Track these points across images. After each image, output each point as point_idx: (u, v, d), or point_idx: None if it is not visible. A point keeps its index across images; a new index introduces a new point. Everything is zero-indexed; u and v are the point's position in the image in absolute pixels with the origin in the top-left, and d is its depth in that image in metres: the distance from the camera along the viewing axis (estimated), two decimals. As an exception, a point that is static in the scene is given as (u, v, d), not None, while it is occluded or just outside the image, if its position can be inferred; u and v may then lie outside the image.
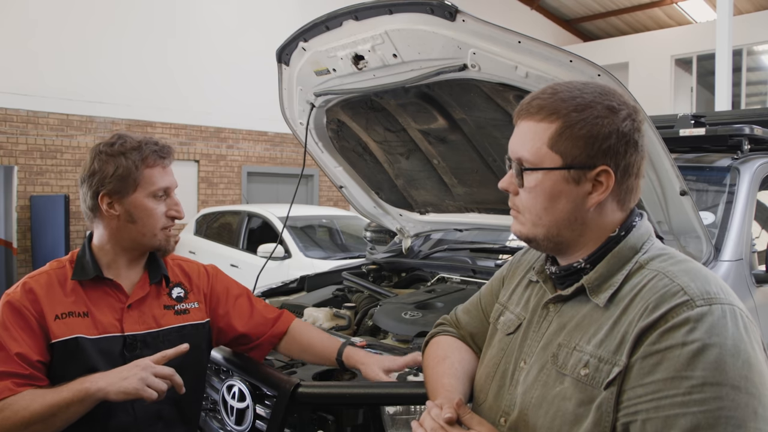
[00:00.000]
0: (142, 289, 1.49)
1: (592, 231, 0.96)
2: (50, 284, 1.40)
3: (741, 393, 0.77)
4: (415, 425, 0.96)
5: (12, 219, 7.97)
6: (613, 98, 0.94)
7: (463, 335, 1.25)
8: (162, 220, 1.46)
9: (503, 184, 1.01)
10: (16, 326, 1.33)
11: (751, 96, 12.91)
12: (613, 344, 0.87)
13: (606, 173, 0.92)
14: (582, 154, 0.91)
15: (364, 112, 2.37)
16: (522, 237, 1.01)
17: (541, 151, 0.94)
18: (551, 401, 0.91)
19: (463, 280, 2.63)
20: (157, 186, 1.45)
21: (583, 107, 0.92)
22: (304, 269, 4.17)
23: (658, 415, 0.79)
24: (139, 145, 1.44)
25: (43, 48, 7.98)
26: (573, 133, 0.91)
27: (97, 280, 1.44)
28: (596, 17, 15.12)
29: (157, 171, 1.46)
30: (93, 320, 1.40)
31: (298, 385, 1.56)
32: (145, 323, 1.46)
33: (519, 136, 0.98)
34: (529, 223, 0.98)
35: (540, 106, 0.95)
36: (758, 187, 2.39)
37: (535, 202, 0.96)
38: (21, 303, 1.35)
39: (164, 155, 1.48)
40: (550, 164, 0.93)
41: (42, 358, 1.33)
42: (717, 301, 0.83)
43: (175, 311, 1.53)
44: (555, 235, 0.96)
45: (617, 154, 0.92)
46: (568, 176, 0.93)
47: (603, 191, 0.93)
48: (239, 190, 9.97)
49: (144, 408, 1.42)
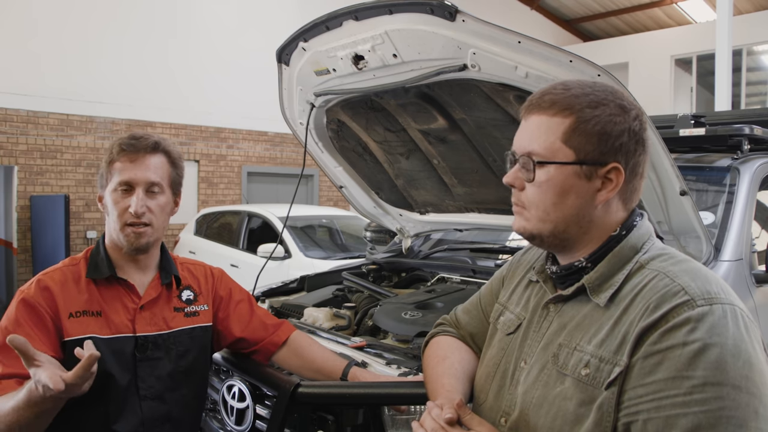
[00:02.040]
0: (155, 290, 1.48)
1: (596, 229, 0.96)
2: (64, 281, 1.40)
3: (742, 393, 0.77)
4: (416, 425, 0.95)
5: (12, 219, 7.96)
6: (623, 98, 0.96)
7: (462, 335, 1.25)
8: (124, 215, 1.40)
9: (508, 179, 1.00)
10: (30, 323, 1.32)
11: (751, 96, 12.90)
12: (614, 344, 0.87)
13: (617, 170, 0.93)
14: (595, 150, 0.92)
15: (364, 112, 2.36)
16: (526, 233, 1.00)
17: (555, 145, 0.94)
18: (552, 401, 0.91)
19: (463, 280, 2.63)
20: (118, 178, 1.41)
21: (596, 104, 0.93)
22: (304, 269, 4.17)
23: (659, 415, 0.79)
24: (119, 139, 1.44)
25: (43, 48, 7.98)
26: (587, 129, 0.92)
27: (111, 280, 1.43)
28: (596, 17, 15.11)
29: (123, 164, 1.41)
30: (106, 320, 1.39)
31: (298, 385, 1.56)
32: (156, 325, 1.45)
33: (529, 130, 0.97)
34: (535, 218, 0.97)
35: (553, 101, 0.95)
36: (758, 187, 2.39)
37: (544, 197, 0.95)
38: (35, 300, 1.34)
39: (131, 149, 1.41)
40: (563, 159, 0.93)
41: (55, 355, 1.32)
42: (718, 300, 0.83)
43: (185, 313, 1.52)
44: (561, 231, 0.96)
45: (628, 152, 0.93)
46: (580, 171, 0.93)
47: (612, 188, 0.93)
48: (239, 190, 9.97)
49: (152, 409, 1.42)
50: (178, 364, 1.46)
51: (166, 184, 1.47)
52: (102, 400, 1.35)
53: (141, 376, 1.41)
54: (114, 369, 1.36)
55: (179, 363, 1.46)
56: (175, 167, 1.50)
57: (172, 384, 1.45)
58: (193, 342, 1.49)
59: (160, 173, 1.45)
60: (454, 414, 0.93)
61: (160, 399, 1.43)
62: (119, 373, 1.38)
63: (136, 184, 1.41)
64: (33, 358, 1.11)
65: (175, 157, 1.50)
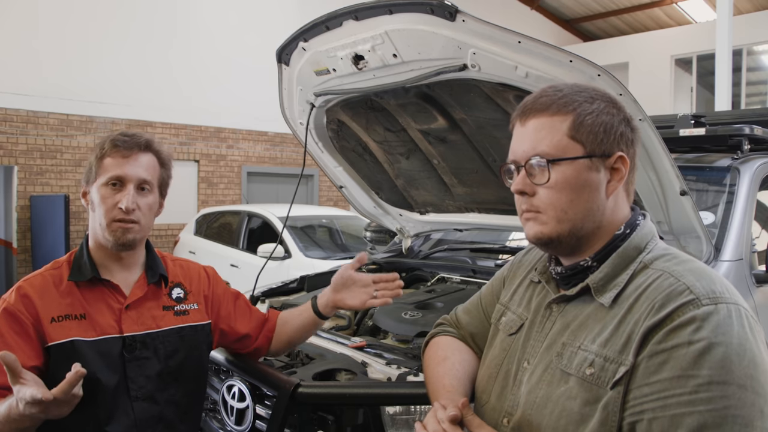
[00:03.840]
0: (140, 289, 1.47)
1: (606, 224, 0.97)
2: (45, 286, 1.38)
3: (747, 392, 0.77)
4: (419, 426, 0.95)
5: (12, 219, 7.97)
6: (609, 94, 0.99)
7: (463, 335, 1.24)
8: (113, 211, 1.39)
9: (518, 186, 0.97)
10: (11, 332, 1.31)
11: (751, 96, 12.91)
12: (619, 343, 0.87)
13: (622, 159, 0.95)
14: (602, 142, 0.94)
15: (364, 112, 2.37)
16: (543, 238, 0.97)
17: (563, 142, 0.94)
18: (556, 401, 0.91)
19: (463, 280, 2.63)
20: (109, 174, 1.40)
21: (591, 99, 0.96)
22: (304, 269, 4.17)
23: (664, 414, 0.79)
24: (109, 135, 1.44)
25: (43, 48, 7.98)
26: (590, 122, 0.94)
27: (94, 281, 1.42)
28: (596, 17, 15.11)
29: (114, 160, 1.40)
30: (91, 322, 1.38)
31: (298, 385, 1.57)
32: (144, 324, 1.44)
33: (530, 134, 0.97)
34: (553, 220, 0.95)
35: (549, 102, 0.96)
36: (758, 187, 2.39)
37: (560, 196, 0.94)
38: (16, 308, 1.33)
39: (124, 145, 1.41)
40: (573, 154, 0.94)
41: (38, 363, 1.31)
42: (723, 300, 0.83)
43: (174, 312, 1.51)
44: (579, 228, 0.95)
45: (628, 142, 0.96)
46: (591, 165, 0.94)
47: (620, 178, 0.95)
48: (239, 190, 9.97)
49: (144, 410, 1.41)
50: (167, 363, 1.45)
51: (156, 183, 1.47)
52: (92, 403, 1.34)
53: (131, 376, 1.40)
54: (102, 370, 1.35)
55: (168, 363, 1.45)
56: (164, 168, 1.50)
57: (162, 384, 1.44)
58: (182, 342, 1.48)
59: (151, 172, 1.45)
60: (458, 412, 0.93)
61: (151, 399, 1.42)
62: (108, 374, 1.37)
63: (128, 180, 1.40)
64: (20, 376, 1.11)
65: (165, 158, 1.50)
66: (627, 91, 1.55)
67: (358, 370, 1.74)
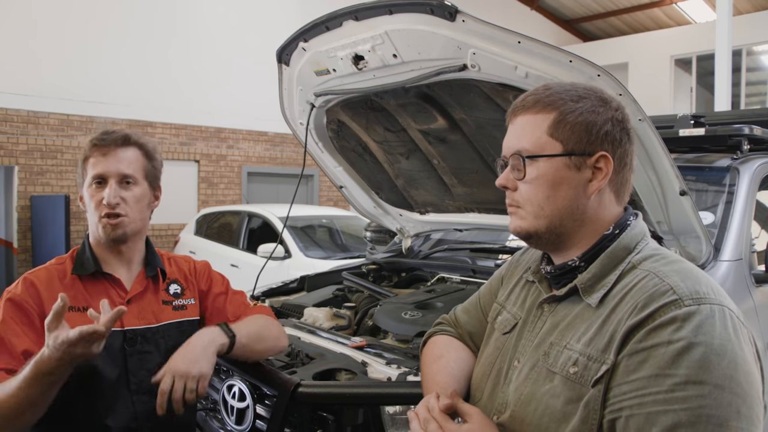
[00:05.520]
0: (140, 284, 1.50)
1: (591, 223, 0.97)
2: (50, 279, 1.41)
3: (724, 392, 0.77)
4: (411, 414, 0.97)
5: (12, 219, 7.97)
6: (603, 93, 0.99)
7: (461, 334, 1.25)
8: (100, 207, 1.42)
9: (501, 181, 1.02)
10: (18, 321, 1.33)
11: (751, 96, 12.91)
12: (602, 343, 0.88)
13: (605, 159, 0.95)
14: (582, 140, 0.94)
15: (364, 112, 2.37)
16: (522, 233, 1.00)
17: (542, 139, 0.96)
18: (540, 398, 0.92)
19: (463, 280, 2.63)
20: (91, 173, 1.44)
21: (578, 98, 0.96)
22: (304, 269, 4.17)
23: (641, 412, 0.80)
24: (92, 136, 1.47)
25: (43, 48, 7.98)
26: (571, 120, 0.95)
27: (96, 275, 1.45)
28: (596, 17, 15.11)
29: (95, 159, 1.44)
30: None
31: (298, 385, 1.57)
32: (145, 318, 1.47)
33: (516, 131, 1.00)
34: (530, 216, 0.98)
35: (536, 100, 0.98)
36: (758, 187, 2.39)
37: (537, 191, 0.96)
38: (22, 298, 1.36)
39: (102, 143, 1.44)
40: (551, 151, 0.95)
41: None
42: (706, 301, 0.83)
43: (173, 307, 1.54)
44: (557, 226, 0.97)
45: (614, 141, 0.96)
46: (570, 162, 0.95)
47: (603, 178, 0.95)
48: (239, 190, 9.97)
49: (144, 403, 1.43)
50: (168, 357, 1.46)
51: (141, 176, 1.48)
52: (92, 395, 1.36)
53: (131, 370, 1.42)
54: (103, 364, 1.36)
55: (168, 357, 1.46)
56: (150, 159, 1.51)
57: None
58: (182, 336, 1.49)
59: (133, 166, 1.46)
60: (451, 401, 0.94)
61: (151, 393, 1.42)
62: (109, 367, 1.39)
63: (108, 176, 1.43)
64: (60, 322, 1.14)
65: (150, 150, 1.51)
66: (626, 91, 1.55)
67: (358, 370, 1.74)
